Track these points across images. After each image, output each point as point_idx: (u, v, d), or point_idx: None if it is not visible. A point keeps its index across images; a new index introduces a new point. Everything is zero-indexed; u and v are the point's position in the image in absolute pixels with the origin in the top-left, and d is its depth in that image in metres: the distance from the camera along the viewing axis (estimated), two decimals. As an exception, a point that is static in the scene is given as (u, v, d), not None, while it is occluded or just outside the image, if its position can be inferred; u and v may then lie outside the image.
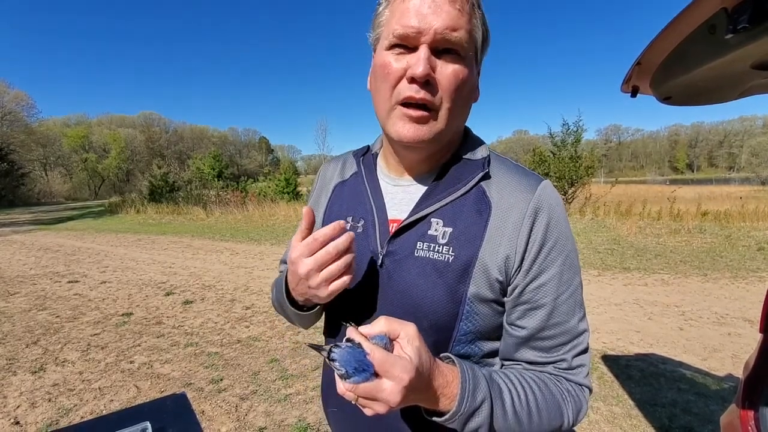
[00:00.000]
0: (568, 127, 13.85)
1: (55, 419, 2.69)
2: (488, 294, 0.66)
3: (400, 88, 0.63)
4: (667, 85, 1.09)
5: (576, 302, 0.67)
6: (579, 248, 7.63)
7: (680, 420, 2.53)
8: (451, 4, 0.60)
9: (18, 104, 40.99)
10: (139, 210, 18.79)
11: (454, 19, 0.60)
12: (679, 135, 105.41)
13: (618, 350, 3.54)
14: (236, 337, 4.05)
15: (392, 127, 0.66)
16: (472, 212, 0.67)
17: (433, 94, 0.62)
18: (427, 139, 0.65)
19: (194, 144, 70.99)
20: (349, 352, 0.52)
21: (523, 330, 0.66)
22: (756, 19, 0.68)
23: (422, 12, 0.59)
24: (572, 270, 0.67)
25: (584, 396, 0.68)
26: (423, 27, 0.59)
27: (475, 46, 0.65)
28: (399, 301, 0.69)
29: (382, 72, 0.64)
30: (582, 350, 0.68)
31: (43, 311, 5.01)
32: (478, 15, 0.64)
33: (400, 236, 0.70)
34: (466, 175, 0.70)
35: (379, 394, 0.51)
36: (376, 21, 0.68)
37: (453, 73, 0.62)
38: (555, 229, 0.65)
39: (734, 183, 49.74)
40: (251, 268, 7.07)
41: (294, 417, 2.68)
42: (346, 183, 0.84)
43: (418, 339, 0.55)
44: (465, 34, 0.61)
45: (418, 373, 0.52)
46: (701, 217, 10.08)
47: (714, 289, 5.15)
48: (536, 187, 0.66)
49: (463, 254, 0.65)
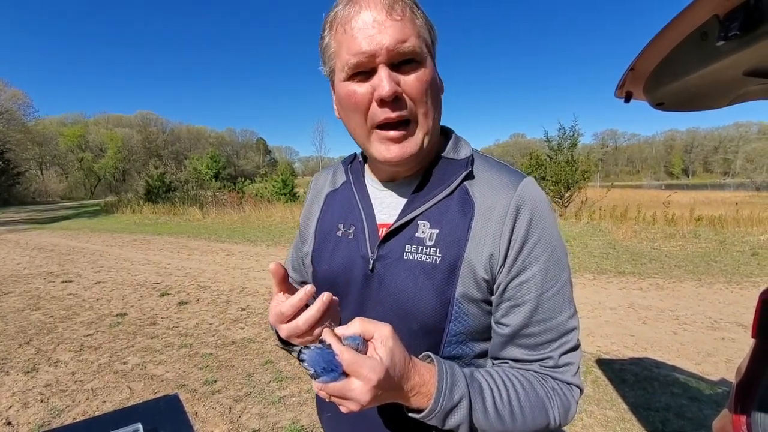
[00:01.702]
0: (565, 132, 13.90)
1: (47, 420, 2.67)
2: (476, 294, 0.66)
3: (373, 112, 0.64)
4: (659, 91, 1.10)
5: (564, 299, 0.67)
6: (575, 252, 7.59)
7: (673, 424, 2.54)
8: (392, 18, 0.60)
9: (15, 103, 40.70)
10: (135, 210, 18.71)
11: (400, 32, 0.61)
12: (674, 140, 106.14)
13: (612, 354, 3.54)
14: (231, 339, 4.03)
15: (375, 150, 0.68)
16: (457, 213, 0.68)
17: (405, 108, 0.64)
18: (414, 153, 0.67)
19: (191, 144, 70.73)
20: (318, 353, 0.53)
21: (507, 327, 0.66)
22: (747, 26, 0.69)
23: (368, 35, 0.60)
24: (558, 267, 0.66)
25: (573, 395, 0.67)
26: (374, 49, 0.60)
27: (427, 45, 0.66)
28: (390, 304, 0.70)
29: (350, 102, 0.65)
30: (570, 348, 0.67)
31: (37, 311, 4.97)
32: (419, 15, 0.65)
33: (390, 240, 0.71)
34: (450, 175, 0.70)
35: (348, 393, 0.52)
36: (325, 54, 0.68)
37: (417, 80, 0.63)
38: (538, 225, 0.65)
39: (729, 188, 50.06)
40: (247, 270, 7.04)
41: (288, 419, 2.67)
42: (337, 191, 0.85)
43: (392, 339, 0.56)
44: (415, 40, 0.62)
45: (388, 373, 0.53)
46: (696, 222, 10.13)
47: (708, 293, 5.17)
48: (518, 185, 0.67)
49: (450, 255, 0.66)
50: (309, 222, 0.88)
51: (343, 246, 0.78)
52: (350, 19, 0.62)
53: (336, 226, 0.80)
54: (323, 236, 0.83)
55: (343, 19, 0.63)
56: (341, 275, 0.75)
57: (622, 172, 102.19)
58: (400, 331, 0.67)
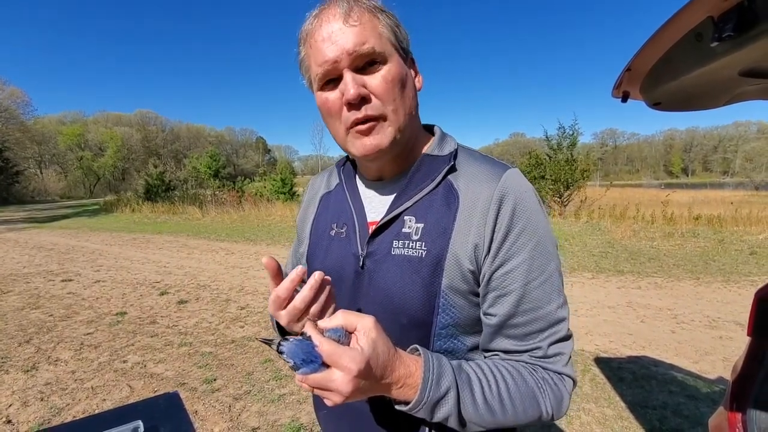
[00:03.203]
0: (565, 131, 13.91)
1: (47, 418, 2.68)
2: (462, 285, 0.67)
3: (344, 116, 0.67)
4: (656, 91, 1.11)
5: (552, 289, 0.66)
6: (573, 251, 7.60)
7: (671, 422, 2.55)
8: (349, 24, 0.63)
9: (13, 101, 40.65)
10: (135, 209, 18.71)
11: (357, 35, 0.63)
12: (674, 139, 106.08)
13: (610, 352, 3.56)
14: (230, 337, 4.04)
15: (352, 147, 0.70)
16: (442, 206, 0.69)
17: (374, 107, 0.66)
18: (387, 145, 0.68)
19: (191, 143, 70.62)
20: (297, 345, 0.53)
21: (494, 317, 0.67)
22: (741, 27, 0.69)
23: (331, 42, 0.64)
24: (545, 256, 0.66)
25: (565, 386, 0.66)
26: (336, 55, 0.63)
27: (392, 43, 0.67)
28: (380, 300, 0.71)
29: (325, 109, 0.69)
30: (560, 338, 0.67)
31: (36, 310, 4.98)
32: (381, 17, 0.67)
33: (378, 237, 0.73)
34: (434, 171, 0.72)
35: (329, 384, 0.53)
36: (302, 68, 0.72)
37: (381, 79, 0.65)
38: (522, 215, 0.66)
39: (728, 188, 50.00)
40: (247, 268, 7.05)
41: (287, 417, 2.68)
42: (332, 193, 0.88)
43: (375, 330, 0.56)
44: (374, 40, 0.64)
45: (369, 363, 0.53)
46: (694, 222, 10.15)
47: (706, 292, 5.19)
48: (501, 175, 0.68)
49: (435, 248, 0.67)
50: (305, 224, 0.91)
51: (335, 245, 0.80)
52: (314, 33, 0.66)
53: (330, 226, 0.83)
54: (318, 236, 0.85)
55: (309, 34, 0.67)
56: (334, 273, 0.76)
57: (621, 171, 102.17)
58: (391, 326, 0.68)
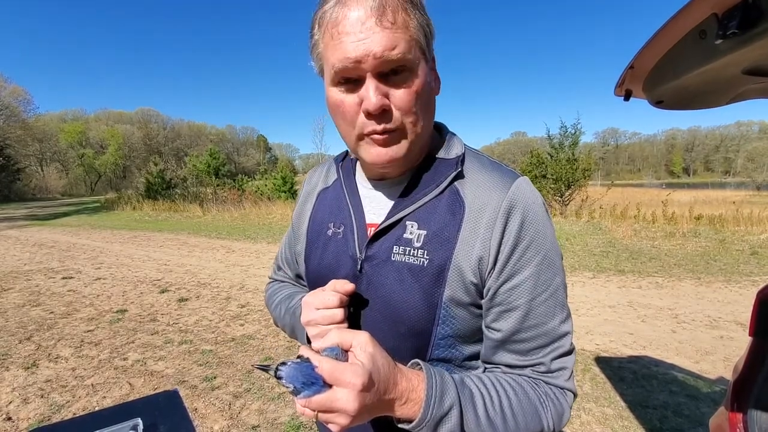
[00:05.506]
0: (566, 130, 13.89)
1: (47, 415, 2.68)
2: (464, 297, 0.64)
3: (360, 123, 0.62)
4: (659, 89, 1.10)
5: (557, 303, 0.65)
6: (575, 250, 7.58)
7: (671, 422, 2.55)
8: (382, 24, 0.56)
9: (15, 99, 40.76)
10: (135, 207, 18.74)
11: (389, 38, 0.57)
12: (675, 139, 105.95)
13: (611, 352, 3.55)
14: (231, 335, 4.04)
15: (364, 153, 0.66)
16: (446, 213, 0.66)
17: (393, 120, 0.61)
18: (402, 156, 0.65)
19: (192, 141, 70.72)
20: (295, 368, 0.50)
21: (498, 333, 0.65)
22: (746, 24, 0.68)
23: (357, 39, 0.57)
24: (551, 270, 0.64)
25: (566, 400, 0.65)
26: (361, 56, 0.57)
27: (421, 47, 0.62)
28: (379, 306, 0.69)
29: (338, 110, 0.64)
30: (563, 353, 0.65)
31: (37, 307, 4.99)
32: (413, 15, 0.60)
33: (377, 240, 0.70)
34: (440, 175, 0.68)
35: (333, 404, 0.50)
36: (314, 51, 0.65)
37: (406, 92, 0.60)
38: (530, 227, 0.63)
39: (730, 187, 49.92)
40: (247, 267, 7.06)
41: (287, 415, 2.69)
42: (329, 189, 0.84)
43: (372, 345, 0.54)
44: (405, 46, 0.58)
45: (372, 377, 0.51)
46: (695, 221, 10.12)
47: (707, 292, 5.18)
48: (510, 185, 0.64)
49: (438, 257, 0.64)
50: (302, 220, 0.87)
51: (332, 245, 0.76)
52: (338, 23, 0.58)
53: (326, 225, 0.79)
54: (314, 235, 0.81)
55: (331, 21, 0.59)
56: (330, 274, 0.73)
57: (622, 170, 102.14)
58: (388, 333, 0.66)
